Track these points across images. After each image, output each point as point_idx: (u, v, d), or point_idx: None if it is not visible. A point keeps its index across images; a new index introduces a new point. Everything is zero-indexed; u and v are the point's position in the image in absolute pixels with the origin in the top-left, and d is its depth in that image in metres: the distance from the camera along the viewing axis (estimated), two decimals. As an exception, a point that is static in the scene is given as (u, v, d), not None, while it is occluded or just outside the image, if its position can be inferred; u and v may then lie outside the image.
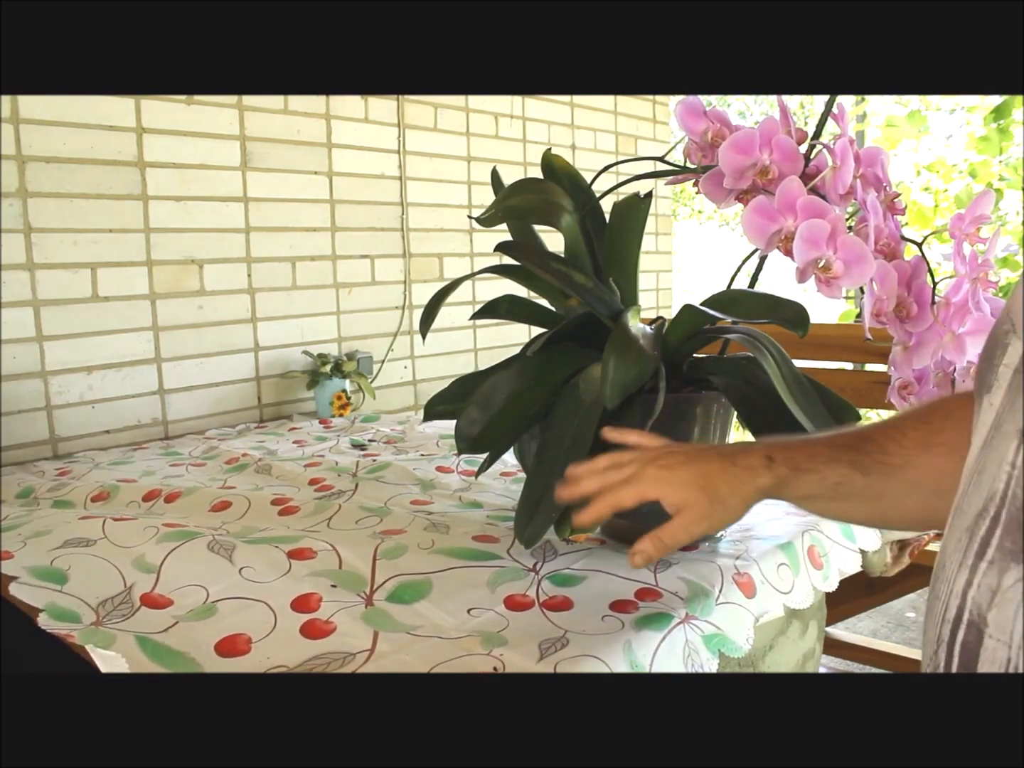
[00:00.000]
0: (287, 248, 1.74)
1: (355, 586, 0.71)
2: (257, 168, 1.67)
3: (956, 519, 0.40)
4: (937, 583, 0.40)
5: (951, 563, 0.39)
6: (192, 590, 0.71)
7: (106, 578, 0.72)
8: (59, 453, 1.41)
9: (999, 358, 0.41)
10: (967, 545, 0.37)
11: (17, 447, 1.37)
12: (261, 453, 1.28)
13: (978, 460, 0.40)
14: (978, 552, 0.36)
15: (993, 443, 0.38)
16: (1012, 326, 0.40)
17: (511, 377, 0.76)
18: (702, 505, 0.57)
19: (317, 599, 0.68)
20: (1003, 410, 0.38)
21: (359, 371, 1.75)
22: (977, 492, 0.38)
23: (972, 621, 0.36)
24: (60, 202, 1.40)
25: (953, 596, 0.37)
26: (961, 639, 0.36)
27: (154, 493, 1.02)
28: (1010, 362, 0.39)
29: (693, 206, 7.72)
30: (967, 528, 0.38)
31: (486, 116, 2.16)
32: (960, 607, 0.37)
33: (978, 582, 0.36)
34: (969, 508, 0.39)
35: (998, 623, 0.34)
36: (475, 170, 2.13)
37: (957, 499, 0.41)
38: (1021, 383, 0.37)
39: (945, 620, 0.38)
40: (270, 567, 0.74)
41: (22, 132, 1.34)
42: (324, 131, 1.80)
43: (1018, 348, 0.39)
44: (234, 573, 0.73)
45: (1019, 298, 0.40)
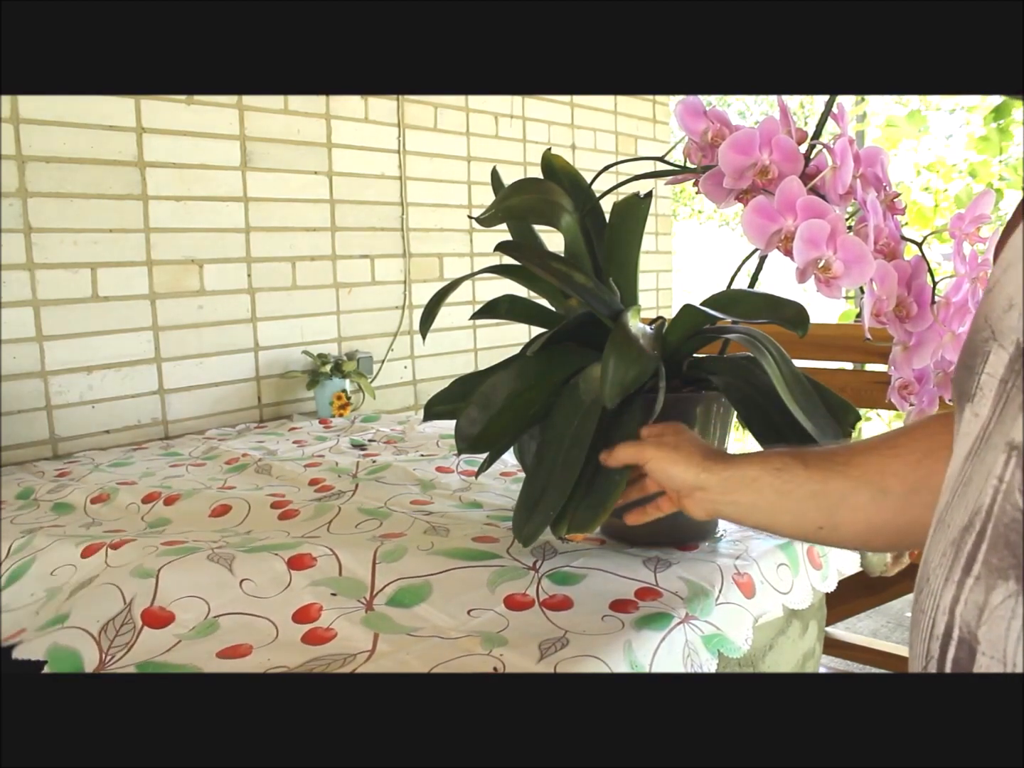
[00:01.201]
0: (287, 248, 1.74)
1: (355, 592, 0.71)
2: (257, 168, 1.67)
3: (939, 531, 0.39)
4: (921, 596, 0.39)
5: (936, 577, 0.38)
6: (193, 603, 0.70)
7: (106, 597, 0.70)
8: (59, 453, 1.41)
9: (980, 366, 0.40)
10: (953, 559, 0.37)
11: (17, 447, 1.37)
12: (261, 453, 1.28)
13: (962, 471, 0.39)
14: (965, 567, 0.36)
15: (980, 455, 0.38)
16: (992, 333, 0.39)
17: (511, 377, 0.76)
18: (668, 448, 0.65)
19: (318, 608, 0.68)
20: (990, 421, 0.38)
21: (359, 371, 1.75)
22: (962, 504, 0.38)
23: (963, 638, 0.35)
24: (60, 202, 1.40)
25: (940, 612, 0.37)
26: (952, 656, 0.36)
27: (153, 496, 1.02)
28: (993, 371, 0.39)
29: (693, 206, 7.71)
30: (952, 542, 0.37)
31: (486, 116, 2.16)
32: (949, 623, 0.36)
33: (965, 598, 0.35)
34: (954, 521, 0.38)
35: (990, 640, 0.34)
36: (475, 170, 2.13)
37: (940, 511, 0.40)
38: (1008, 393, 0.37)
39: (933, 636, 0.37)
40: (271, 581, 0.73)
41: (22, 132, 1.34)
42: (324, 131, 1.80)
43: (1001, 356, 0.38)
44: (235, 586, 0.72)
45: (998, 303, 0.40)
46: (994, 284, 0.41)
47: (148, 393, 1.53)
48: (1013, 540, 0.33)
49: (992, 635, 0.33)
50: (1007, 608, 0.33)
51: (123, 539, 0.85)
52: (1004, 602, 0.33)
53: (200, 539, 0.84)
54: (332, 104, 1.81)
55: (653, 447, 0.66)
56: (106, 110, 1.44)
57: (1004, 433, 0.36)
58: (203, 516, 0.95)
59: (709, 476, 0.62)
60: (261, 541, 0.81)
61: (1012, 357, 0.37)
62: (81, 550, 0.82)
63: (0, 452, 1.34)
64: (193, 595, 0.70)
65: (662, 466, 0.65)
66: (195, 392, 1.60)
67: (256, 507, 0.96)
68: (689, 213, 7.79)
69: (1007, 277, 0.40)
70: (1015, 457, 0.34)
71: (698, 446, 0.66)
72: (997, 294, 0.40)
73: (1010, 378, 0.37)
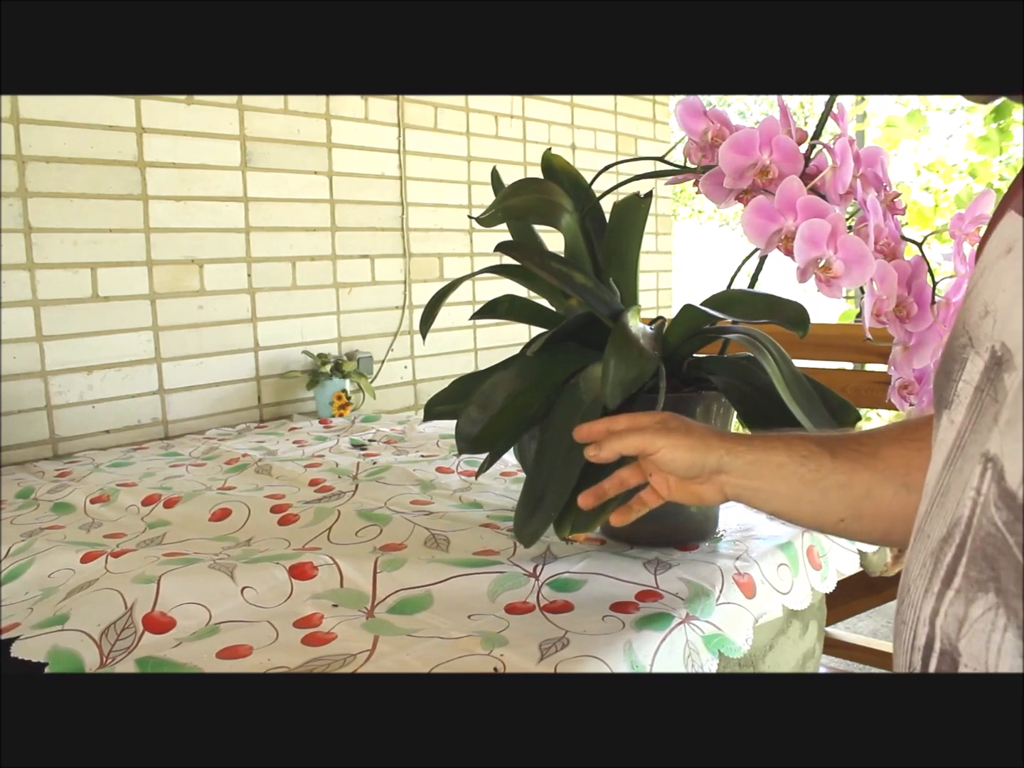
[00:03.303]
0: (287, 248, 1.74)
1: (356, 603, 0.71)
2: (257, 168, 1.67)
3: (919, 541, 0.39)
4: (903, 607, 0.39)
5: (916, 588, 0.38)
6: (194, 609, 0.69)
7: (107, 601, 0.70)
8: (59, 453, 1.41)
9: (957, 373, 0.39)
10: (932, 571, 0.37)
11: (17, 447, 1.37)
12: (261, 453, 1.28)
13: (940, 479, 0.39)
14: (944, 579, 0.35)
15: (956, 464, 0.37)
16: (969, 340, 0.39)
17: (511, 377, 0.76)
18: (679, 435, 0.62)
19: (319, 617, 0.68)
20: (964, 429, 0.37)
21: (359, 371, 1.75)
22: (941, 515, 0.37)
23: (944, 650, 0.35)
24: (60, 202, 1.40)
25: (921, 623, 0.37)
26: (935, 667, 0.35)
27: (153, 498, 1.02)
28: (969, 378, 0.38)
29: (693, 206, 7.71)
30: (932, 553, 0.37)
31: (486, 116, 2.16)
32: (930, 635, 0.36)
33: (945, 610, 0.35)
34: (933, 531, 0.38)
35: (971, 653, 0.33)
36: (475, 170, 2.13)
37: (919, 520, 0.40)
38: (982, 402, 0.36)
39: (915, 648, 0.37)
40: (272, 590, 0.73)
41: (22, 132, 1.34)
42: (324, 131, 1.80)
43: (977, 364, 0.38)
44: (236, 594, 0.72)
45: (975, 309, 0.39)
46: (971, 288, 0.41)
47: (148, 393, 1.53)
48: (991, 553, 0.33)
49: (973, 648, 0.33)
50: (987, 621, 0.33)
51: (124, 548, 0.85)
52: (984, 615, 0.33)
53: (201, 551, 0.83)
54: (332, 104, 1.81)
55: (661, 435, 0.62)
56: (106, 110, 1.44)
57: (979, 443, 0.36)
58: (203, 520, 0.95)
59: (733, 459, 0.59)
60: (262, 553, 0.81)
61: (987, 365, 0.37)
62: (80, 556, 0.82)
63: (0, 452, 1.34)
64: (194, 602, 0.70)
65: (676, 454, 0.61)
66: (195, 392, 1.60)
67: (256, 511, 0.95)
68: (689, 213, 7.79)
69: (984, 282, 0.39)
70: (990, 469, 0.34)
71: (709, 428, 0.63)
72: (974, 299, 0.40)
73: (985, 387, 0.37)
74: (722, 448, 0.60)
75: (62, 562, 0.81)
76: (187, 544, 0.87)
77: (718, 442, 0.60)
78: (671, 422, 0.63)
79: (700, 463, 0.60)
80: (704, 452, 0.60)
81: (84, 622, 0.67)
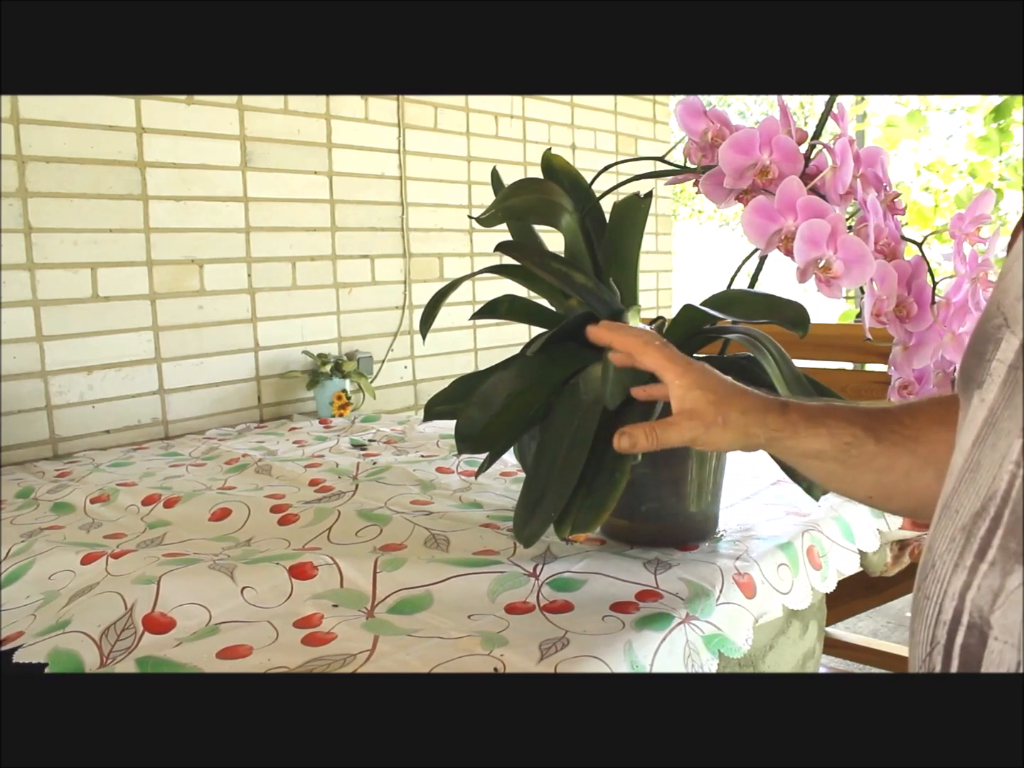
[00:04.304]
0: (287, 248, 1.74)
1: (356, 603, 0.71)
2: (257, 168, 1.67)
3: (945, 518, 0.39)
4: (926, 583, 0.39)
5: (943, 563, 0.38)
6: (194, 610, 0.69)
7: (107, 603, 0.70)
8: (59, 453, 1.41)
9: (991, 353, 0.40)
10: (963, 545, 0.37)
11: (17, 447, 1.37)
12: (261, 453, 1.28)
13: (970, 457, 0.39)
14: (977, 553, 0.36)
15: (989, 440, 0.38)
16: (1004, 320, 0.39)
17: (511, 377, 0.76)
18: (708, 416, 0.58)
19: (319, 617, 0.68)
20: (997, 406, 0.38)
21: (359, 371, 1.75)
22: (972, 490, 0.38)
23: (973, 623, 0.35)
24: (60, 202, 1.40)
25: (948, 597, 0.37)
26: (961, 641, 0.36)
27: (153, 498, 1.02)
28: (1004, 357, 0.39)
29: (693, 206, 7.72)
30: (963, 528, 0.37)
31: (486, 116, 2.16)
32: (958, 609, 0.36)
33: (978, 584, 0.35)
34: (962, 507, 0.38)
35: (1004, 625, 0.34)
36: (475, 170, 2.13)
37: (945, 497, 0.40)
38: (1017, 379, 0.37)
39: (940, 622, 0.37)
40: (272, 590, 0.73)
41: (22, 132, 1.34)
42: (324, 131, 1.80)
43: (1012, 343, 0.38)
44: (236, 595, 0.72)
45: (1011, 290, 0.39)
46: (1007, 271, 0.41)
47: (148, 393, 1.53)
48: None
49: (1007, 620, 0.34)
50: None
51: (124, 549, 0.85)
52: (1020, 587, 0.33)
53: (201, 552, 0.83)
54: (332, 104, 1.81)
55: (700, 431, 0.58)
56: (106, 110, 1.44)
57: (1016, 418, 0.36)
58: (203, 520, 0.95)
59: (772, 444, 0.58)
60: (262, 553, 0.81)
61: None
62: (81, 557, 0.82)
63: (0, 452, 1.34)
64: (194, 602, 0.70)
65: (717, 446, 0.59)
66: (195, 392, 1.60)
67: (256, 511, 0.95)
68: (689, 213, 7.80)
69: (1020, 264, 0.40)
70: None
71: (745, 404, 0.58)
72: (1010, 281, 0.40)
73: (1020, 364, 0.37)
74: (762, 435, 0.58)
75: (62, 564, 0.81)
76: (187, 544, 0.87)
77: (758, 428, 0.58)
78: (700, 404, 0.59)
79: (739, 448, 0.60)
80: (744, 442, 0.59)
81: (84, 623, 0.67)
